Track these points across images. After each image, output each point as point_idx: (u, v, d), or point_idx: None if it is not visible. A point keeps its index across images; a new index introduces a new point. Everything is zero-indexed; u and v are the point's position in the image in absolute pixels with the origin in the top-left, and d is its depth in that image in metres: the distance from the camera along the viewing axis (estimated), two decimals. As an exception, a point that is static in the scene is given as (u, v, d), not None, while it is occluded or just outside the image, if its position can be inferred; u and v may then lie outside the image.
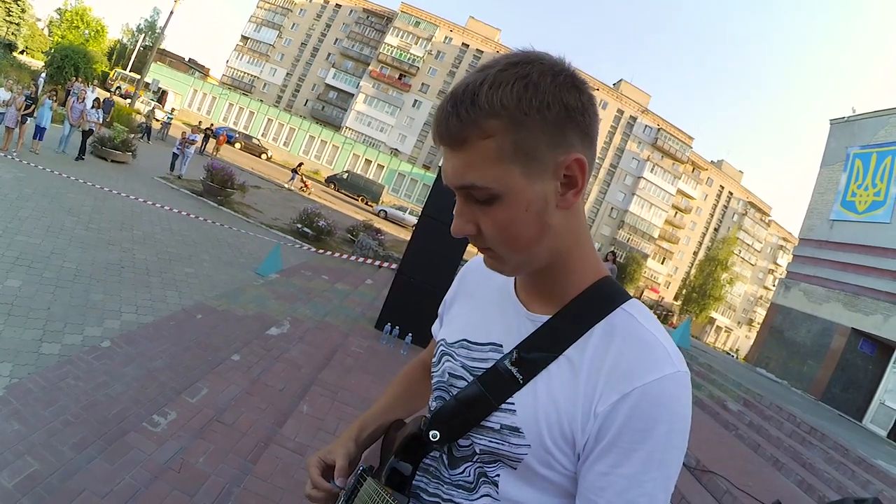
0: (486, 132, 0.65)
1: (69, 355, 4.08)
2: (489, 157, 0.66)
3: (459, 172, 0.69)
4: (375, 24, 66.92)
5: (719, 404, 7.99)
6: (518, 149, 0.66)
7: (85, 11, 57.28)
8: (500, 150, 0.66)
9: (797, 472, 5.66)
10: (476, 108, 0.65)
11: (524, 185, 0.67)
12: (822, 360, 12.94)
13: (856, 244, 13.05)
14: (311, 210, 14.00)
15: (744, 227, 71.33)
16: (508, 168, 0.67)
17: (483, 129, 0.65)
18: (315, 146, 50.63)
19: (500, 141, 0.66)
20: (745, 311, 75.84)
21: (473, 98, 0.65)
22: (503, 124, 0.65)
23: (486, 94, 0.65)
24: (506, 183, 0.67)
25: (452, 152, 0.69)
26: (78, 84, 21.86)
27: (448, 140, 0.68)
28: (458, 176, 0.69)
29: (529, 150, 0.66)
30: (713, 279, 53.27)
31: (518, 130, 0.65)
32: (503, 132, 0.65)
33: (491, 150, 0.66)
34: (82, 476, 2.66)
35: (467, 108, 0.65)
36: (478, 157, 0.66)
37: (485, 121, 0.65)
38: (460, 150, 0.68)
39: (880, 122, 13.48)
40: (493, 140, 0.66)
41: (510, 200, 0.68)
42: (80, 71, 29.38)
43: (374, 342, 5.94)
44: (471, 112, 0.65)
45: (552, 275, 0.77)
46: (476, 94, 0.65)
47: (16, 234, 6.22)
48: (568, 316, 0.75)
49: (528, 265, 0.75)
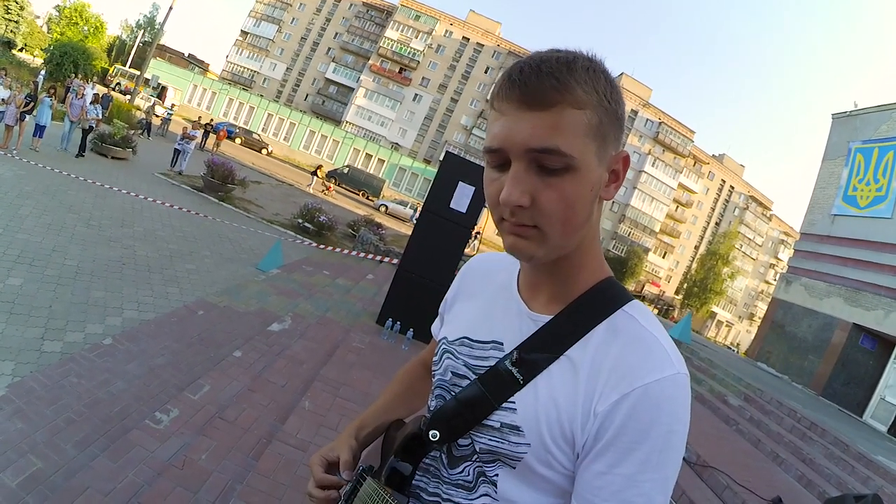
0: (580, 103, 0.66)
1: (71, 353, 4.09)
2: (578, 127, 0.66)
3: (542, 134, 0.65)
4: (375, 18, 66.71)
5: (720, 399, 8.00)
6: (600, 129, 0.68)
7: (84, 8, 57.04)
8: (588, 124, 0.67)
9: (797, 467, 5.68)
10: (574, 78, 0.66)
11: (595, 165, 0.69)
12: (823, 355, 12.95)
13: (857, 239, 13.03)
14: (312, 205, 14.00)
15: (745, 222, 71.26)
16: (589, 144, 0.67)
17: (578, 98, 0.66)
18: (315, 141, 50.56)
19: (590, 116, 0.67)
20: (747, 305, 75.85)
21: (570, 67, 0.66)
22: (595, 101, 0.67)
23: (581, 71, 0.66)
24: (585, 157, 0.67)
25: (534, 113, 0.66)
26: (77, 81, 21.82)
27: (539, 97, 0.66)
28: (539, 137, 0.65)
29: (606, 135, 0.69)
30: (714, 273, 53.22)
31: (603, 113, 0.68)
32: (593, 109, 0.67)
33: (581, 121, 0.66)
34: (85, 474, 2.67)
35: (565, 74, 0.66)
36: (567, 123, 0.66)
37: (582, 92, 0.66)
38: (546, 112, 0.65)
39: (882, 116, 13.43)
40: (583, 113, 0.66)
41: (583, 176, 0.68)
42: (80, 68, 29.37)
43: (375, 338, 5.95)
44: (570, 78, 0.66)
45: (564, 268, 0.76)
46: (572, 67, 0.66)
47: (17, 232, 6.22)
48: (570, 316, 0.75)
49: (563, 249, 0.73)
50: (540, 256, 0.72)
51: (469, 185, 6.01)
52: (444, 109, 64.29)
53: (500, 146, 0.68)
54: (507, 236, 0.72)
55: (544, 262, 0.74)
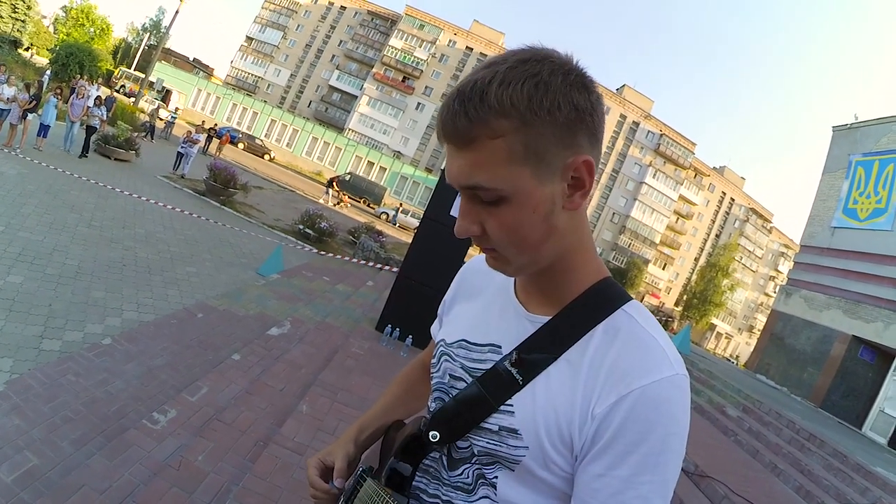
0: (496, 132, 0.63)
1: (70, 352, 4.08)
2: (498, 157, 0.64)
3: (466, 172, 0.66)
4: (380, 27, 67.10)
5: (719, 410, 7.98)
6: (528, 150, 0.64)
7: (90, 9, 57.38)
8: (510, 150, 0.64)
9: (796, 478, 5.66)
10: (485, 107, 0.63)
11: (533, 187, 0.66)
12: (822, 367, 12.94)
13: (857, 251, 13.05)
14: (313, 211, 14.02)
15: (745, 234, 71.30)
16: (518, 169, 0.65)
17: (492, 128, 0.63)
18: (318, 148, 50.74)
19: (510, 141, 0.63)
20: (746, 317, 75.77)
21: (482, 96, 0.63)
22: (513, 124, 0.63)
23: (496, 92, 0.63)
24: (515, 184, 0.65)
25: (459, 151, 0.66)
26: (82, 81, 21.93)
27: (455, 139, 0.66)
28: (464, 176, 0.67)
29: (539, 151, 0.65)
30: (714, 285, 53.22)
31: (528, 131, 0.63)
32: (513, 132, 0.63)
33: (500, 150, 0.64)
34: (82, 472, 2.67)
35: (476, 107, 0.63)
36: (486, 157, 0.64)
37: (495, 120, 0.63)
38: (467, 150, 0.65)
39: (882, 129, 13.48)
40: (502, 140, 0.63)
41: (518, 202, 0.66)
42: (85, 69, 29.47)
43: (374, 343, 5.94)
44: (480, 111, 0.63)
45: (553, 276, 0.76)
46: (485, 92, 0.63)
47: (18, 231, 6.23)
48: (568, 317, 0.74)
49: (532, 266, 0.73)
50: (512, 273, 0.75)
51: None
52: (446, 118, 64.39)
53: (448, 181, 0.71)
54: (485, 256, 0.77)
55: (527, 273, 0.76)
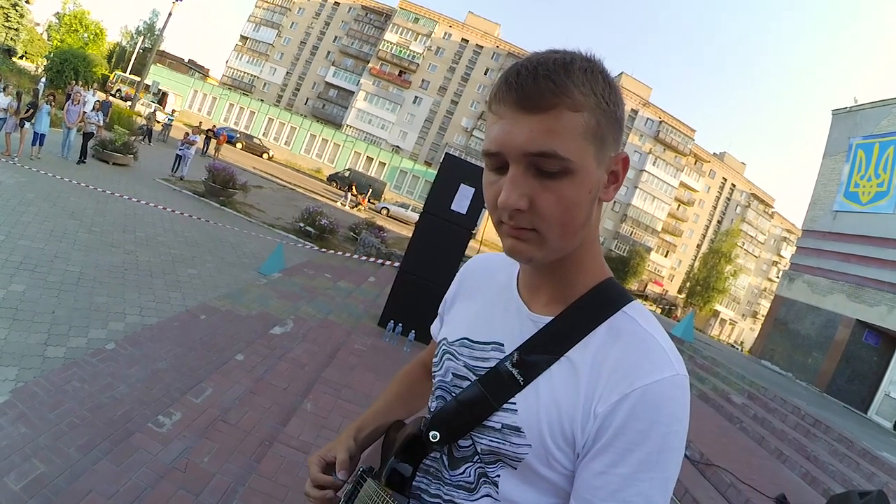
0: (577, 105, 0.65)
1: (74, 358, 4.10)
2: (575, 129, 0.66)
3: (539, 138, 0.65)
4: (374, 21, 66.85)
5: (723, 397, 7.99)
6: (598, 131, 0.67)
7: (83, 15, 57.14)
8: (586, 126, 0.66)
9: (802, 464, 5.67)
10: (571, 80, 0.65)
11: (593, 167, 0.68)
12: (827, 351, 12.92)
13: (859, 235, 13.00)
14: (314, 209, 14.02)
15: (747, 219, 71.17)
16: (587, 146, 0.67)
17: (575, 101, 0.65)
18: (316, 145, 50.63)
19: (588, 119, 0.66)
20: (750, 303, 75.72)
21: (567, 70, 0.66)
22: (591, 104, 0.66)
23: (579, 73, 0.66)
24: (583, 159, 0.67)
25: (531, 116, 0.66)
26: (77, 87, 21.89)
27: (534, 101, 0.65)
28: (536, 141, 0.65)
29: (604, 137, 0.68)
30: (717, 272, 53.19)
31: (601, 115, 0.67)
32: (590, 111, 0.66)
33: (578, 124, 0.66)
34: (89, 477, 2.68)
35: (562, 77, 0.65)
36: (564, 126, 0.65)
37: (579, 94, 0.65)
38: (543, 115, 0.65)
39: (882, 111, 13.41)
40: (581, 115, 0.66)
41: (581, 179, 0.67)
42: (80, 74, 29.36)
43: (377, 340, 5.95)
44: (567, 82, 0.65)
45: (563, 270, 0.76)
46: (569, 69, 0.66)
47: (19, 239, 6.24)
48: (570, 318, 0.75)
49: (562, 251, 0.73)
50: (538, 259, 0.72)
51: (469, 186, 6.02)
52: (444, 111, 64.38)
53: (497, 149, 0.68)
54: (506, 239, 0.72)
55: (543, 263, 0.74)
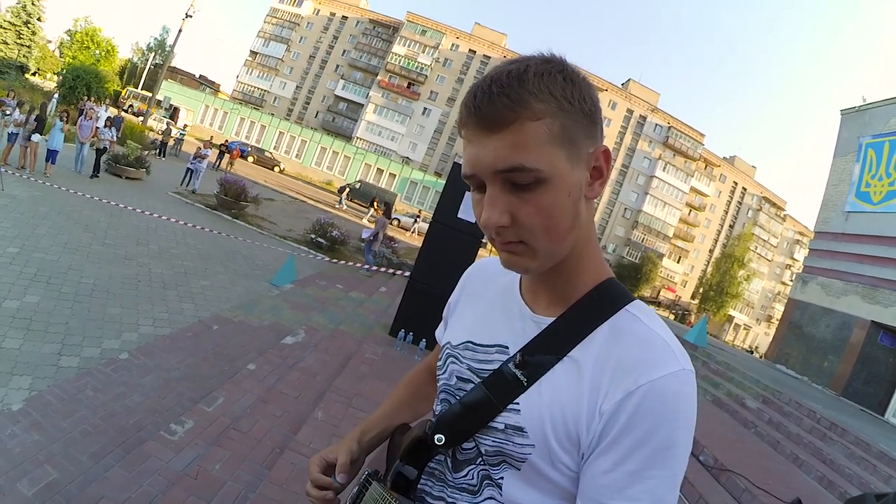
0: (537, 114, 0.65)
1: (88, 368, 4.15)
2: (540, 138, 0.66)
3: (504, 155, 0.66)
4: (382, 35, 67.34)
5: (738, 402, 7.90)
6: (564, 134, 0.67)
7: (95, 32, 58.18)
8: (549, 132, 0.66)
9: (818, 468, 5.58)
10: (526, 91, 0.65)
11: (568, 171, 0.68)
12: (842, 354, 12.73)
13: (872, 235, 12.84)
14: (325, 220, 14.10)
15: (759, 223, 70.49)
16: (557, 151, 0.67)
17: (534, 110, 0.65)
18: (327, 157, 51.02)
19: (549, 124, 0.66)
20: (764, 307, 74.86)
21: (521, 81, 0.66)
22: (551, 108, 0.66)
23: (533, 80, 0.66)
24: (554, 166, 0.67)
25: (494, 135, 0.67)
26: (90, 103, 22.21)
27: (493, 121, 0.66)
28: (502, 159, 0.66)
29: (573, 137, 0.68)
30: (730, 276, 52.65)
31: (564, 117, 0.67)
32: (551, 116, 0.66)
33: (542, 131, 0.66)
34: (101, 484, 2.71)
35: (516, 90, 0.65)
36: (528, 138, 0.65)
37: (536, 102, 0.65)
38: (506, 132, 0.66)
39: (891, 110, 13.27)
40: (542, 123, 0.66)
41: (556, 185, 0.67)
42: (93, 90, 29.83)
43: (388, 349, 5.96)
44: (521, 93, 0.65)
45: (563, 272, 0.77)
46: (522, 78, 0.66)
47: (33, 252, 6.34)
48: (572, 318, 0.75)
49: (556, 257, 0.73)
50: (535, 268, 0.73)
51: (476, 193, 6.03)
52: (453, 122, 64.49)
53: (472, 172, 0.70)
54: (500, 254, 0.74)
55: (542, 271, 0.75)
